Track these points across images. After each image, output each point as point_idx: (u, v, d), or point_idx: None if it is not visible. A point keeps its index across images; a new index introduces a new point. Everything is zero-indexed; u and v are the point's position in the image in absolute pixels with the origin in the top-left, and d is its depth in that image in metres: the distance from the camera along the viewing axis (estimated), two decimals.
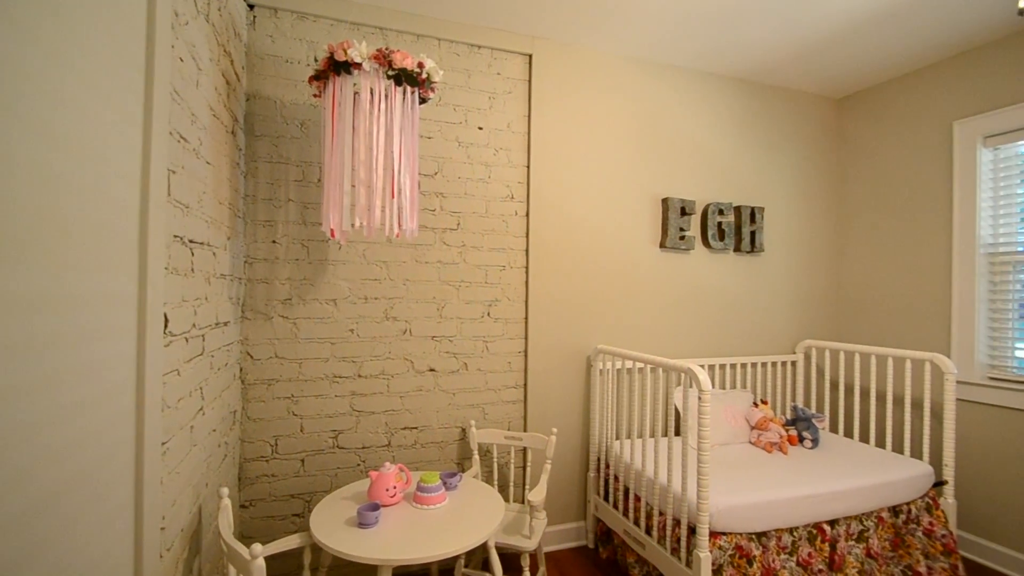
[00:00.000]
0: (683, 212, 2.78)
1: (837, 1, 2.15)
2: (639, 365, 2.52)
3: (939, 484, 2.28)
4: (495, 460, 2.32)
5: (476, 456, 2.29)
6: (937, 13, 2.22)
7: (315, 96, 1.79)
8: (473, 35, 2.39)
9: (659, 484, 2.01)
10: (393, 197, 1.58)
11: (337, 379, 2.21)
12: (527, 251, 2.52)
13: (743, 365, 2.99)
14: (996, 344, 2.45)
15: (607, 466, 2.47)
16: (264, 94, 2.13)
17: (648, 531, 2.08)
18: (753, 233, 2.94)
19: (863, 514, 2.08)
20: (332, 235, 1.70)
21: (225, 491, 1.47)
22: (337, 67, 1.57)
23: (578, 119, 2.61)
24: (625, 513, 2.26)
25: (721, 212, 2.87)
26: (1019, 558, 2.30)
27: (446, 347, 2.38)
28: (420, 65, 1.60)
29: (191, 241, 1.39)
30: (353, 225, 1.59)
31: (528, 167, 2.52)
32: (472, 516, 1.64)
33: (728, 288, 2.95)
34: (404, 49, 2.31)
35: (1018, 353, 2.38)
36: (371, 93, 1.58)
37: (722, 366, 2.93)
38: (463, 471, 2.39)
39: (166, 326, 1.20)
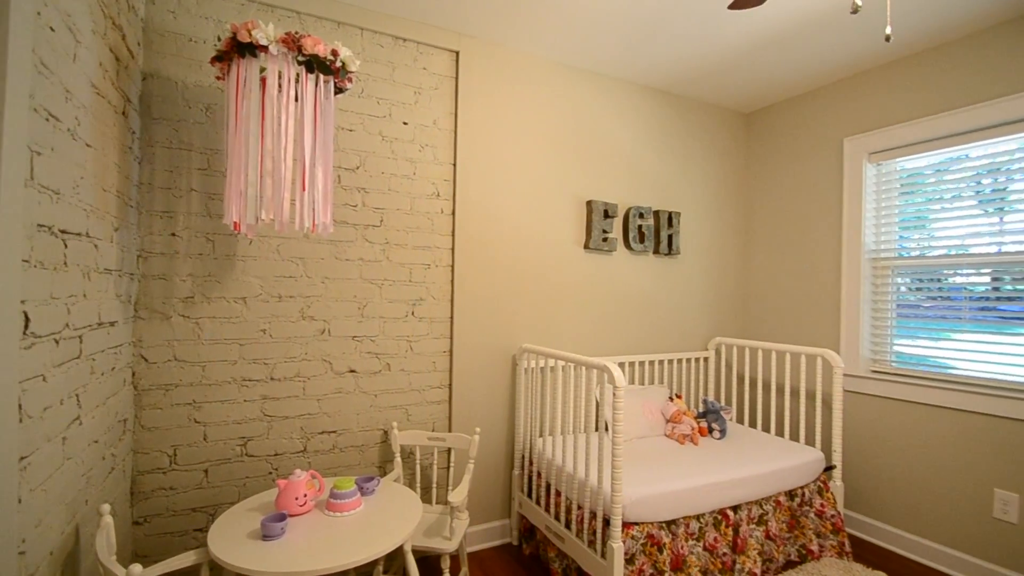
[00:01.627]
0: (606, 215, 2.86)
1: (737, 24, 2.30)
2: (562, 363, 2.57)
3: (829, 468, 2.50)
4: (418, 462, 2.28)
5: (398, 459, 2.24)
6: (826, 39, 2.44)
7: (218, 79, 1.67)
8: (398, 27, 2.33)
9: (577, 479, 2.06)
10: (304, 190, 1.51)
11: (246, 383, 2.07)
12: (453, 250, 2.49)
13: (660, 362, 3.13)
14: (877, 340, 2.73)
15: (531, 463, 2.49)
16: (164, 74, 1.96)
17: (568, 525, 2.13)
18: (671, 236, 3.09)
19: (763, 499, 2.24)
20: (236, 228, 1.59)
21: (106, 508, 1.33)
22: (241, 49, 1.47)
23: (505, 119, 2.62)
24: (547, 509, 2.29)
25: (642, 216, 2.99)
26: (898, 533, 2.57)
27: (368, 347, 2.30)
28: (334, 53, 1.53)
29: (63, 231, 1.25)
30: (259, 218, 1.49)
31: (455, 165, 2.49)
32: (388, 521, 1.59)
33: (648, 289, 3.08)
34: (324, 36, 2.22)
35: (896, 348, 2.66)
36: (279, 79, 1.49)
37: (641, 363, 3.05)
38: (385, 474, 2.33)
39: (26, 326, 1.07)
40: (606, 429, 2.76)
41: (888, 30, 1.12)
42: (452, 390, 2.48)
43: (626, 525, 1.88)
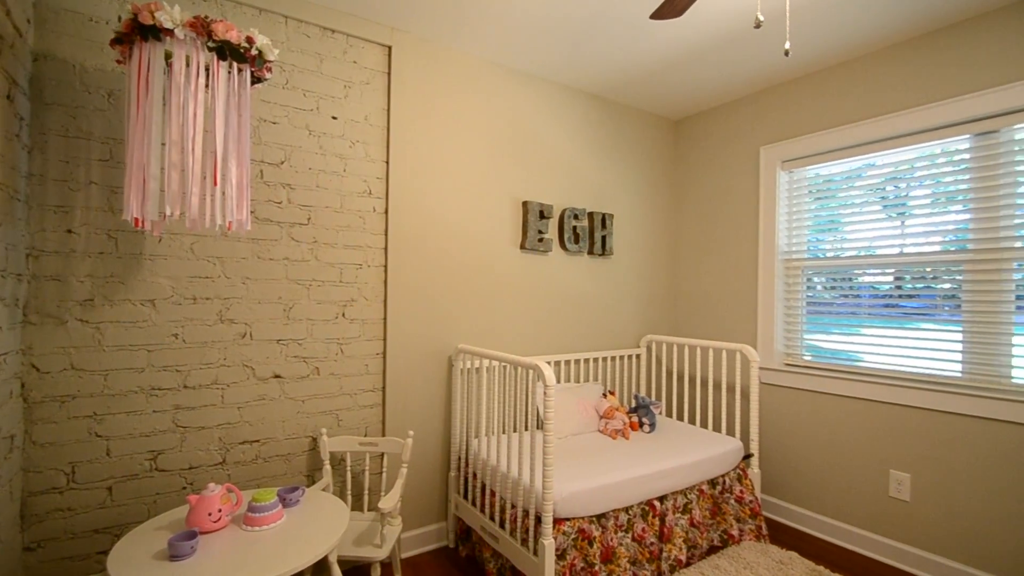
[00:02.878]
0: (542, 215, 2.90)
1: (662, 34, 2.40)
2: (497, 363, 2.57)
3: (747, 457, 2.66)
4: (348, 469, 2.21)
5: (327, 466, 2.16)
6: (742, 53, 2.59)
7: (118, 62, 1.54)
8: (326, 18, 2.25)
9: (511, 478, 2.07)
10: (216, 184, 1.42)
11: (156, 392, 1.93)
12: (386, 249, 2.43)
13: (595, 359, 3.21)
14: (790, 336, 2.94)
15: (467, 464, 2.48)
16: (59, 55, 1.78)
17: (502, 524, 2.13)
18: (604, 237, 3.18)
19: (687, 488, 2.35)
20: (137, 224, 1.47)
21: None
22: (144, 31, 1.36)
23: (440, 117, 2.59)
24: (482, 509, 2.29)
25: (576, 217, 3.06)
26: (809, 515, 2.77)
27: (294, 351, 2.21)
28: (249, 40, 1.45)
29: None
30: (164, 214, 1.39)
31: (388, 162, 2.44)
32: (311, 532, 1.53)
33: (583, 288, 3.15)
34: (245, 23, 2.10)
35: (811, 343, 2.86)
36: (187, 65, 1.39)
37: (576, 361, 3.12)
38: (313, 484, 2.24)
39: None
40: (540, 427, 2.80)
41: (787, 45, 1.22)
42: (386, 393, 2.42)
43: (558, 521, 1.91)
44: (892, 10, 2.19)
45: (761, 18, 1.13)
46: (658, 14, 1.55)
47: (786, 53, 1.25)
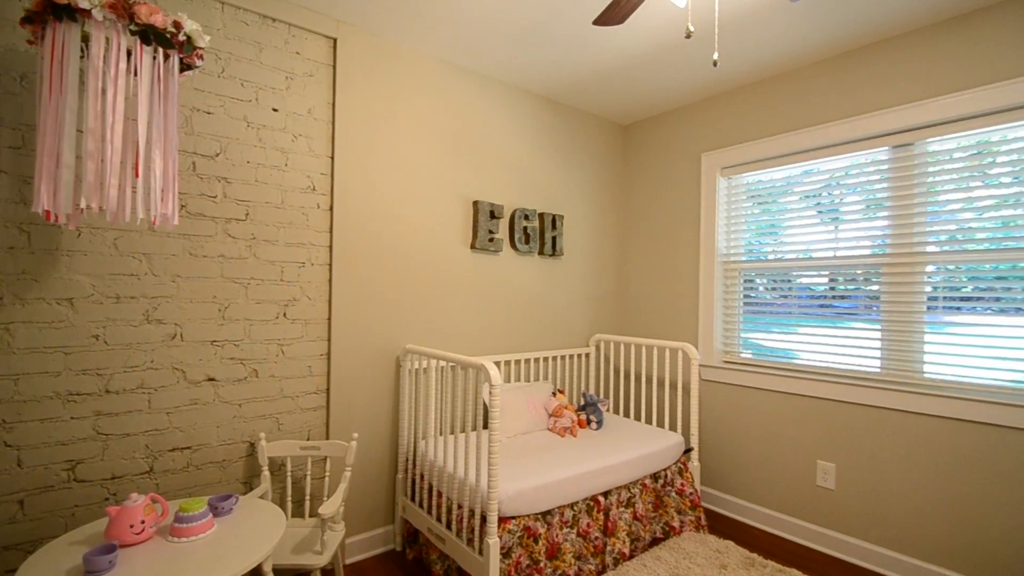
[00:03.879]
0: (492, 215, 2.90)
1: (608, 40, 2.46)
2: (444, 364, 2.55)
3: (688, 451, 2.76)
4: (288, 474, 2.13)
5: (266, 472, 2.08)
6: (682, 63, 2.69)
7: (30, 43, 1.42)
8: (266, 5, 2.16)
9: (457, 478, 2.06)
10: (138, 176, 1.33)
11: (74, 397, 1.79)
12: (331, 247, 2.37)
13: (545, 358, 3.25)
14: (728, 334, 3.07)
15: (414, 466, 2.45)
16: None
17: (448, 525, 2.12)
18: (554, 238, 3.22)
19: (631, 483, 2.42)
20: (48, 217, 1.36)
21: None
22: (57, 10, 1.26)
23: (389, 113, 2.54)
24: (429, 511, 2.27)
25: (527, 217, 3.08)
26: (745, 504, 2.91)
27: (231, 352, 2.11)
28: (176, 25, 1.37)
29: None
30: (80, 207, 1.29)
31: (333, 158, 2.37)
32: (243, 541, 1.47)
33: (533, 288, 3.18)
34: (175, 7, 1.99)
35: (753, 341, 3.00)
36: (107, 49, 1.30)
37: (527, 360, 3.14)
38: (251, 491, 2.15)
39: None
40: (486, 427, 2.81)
41: (715, 56, 1.27)
42: (330, 395, 2.35)
43: (504, 520, 1.92)
44: (816, 28, 2.32)
45: (692, 28, 1.18)
46: (601, 20, 1.58)
47: (714, 63, 1.31)
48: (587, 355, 3.47)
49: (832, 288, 2.65)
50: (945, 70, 2.22)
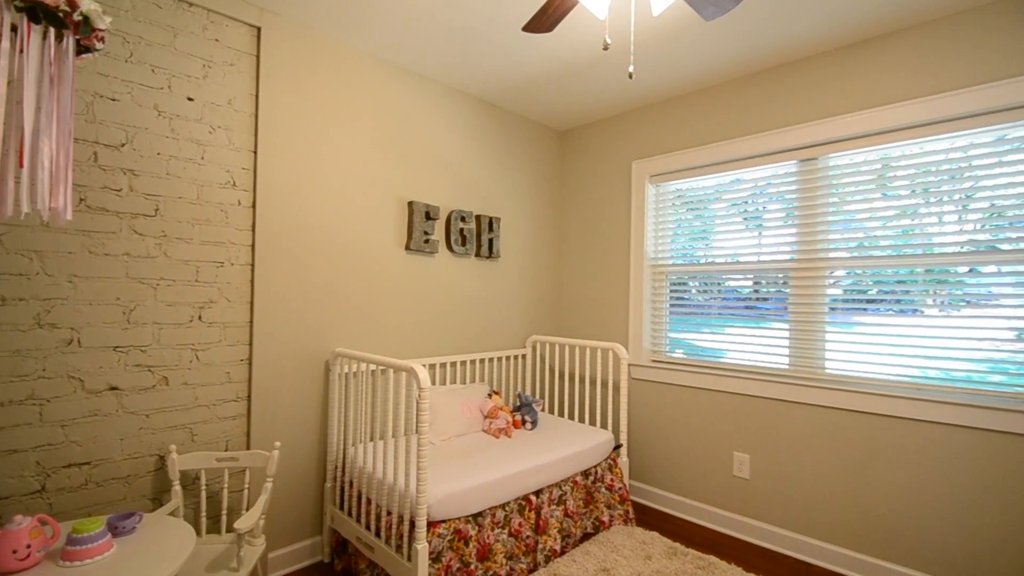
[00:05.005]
0: (428, 216, 2.87)
1: (541, 47, 2.51)
2: (374, 367, 2.50)
3: (617, 447, 2.86)
4: (203, 488, 2.00)
5: (177, 487, 1.94)
6: (610, 74, 2.79)
7: None
8: None
9: (387, 484, 2.02)
10: (22, 166, 1.20)
11: None
12: (254, 246, 2.25)
13: (482, 360, 3.25)
14: (656, 334, 3.21)
15: (343, 473, 2.37)
16: None
17: (377, 533, 2.07)
18: (491, 240, 3.23)
19: (562, 480, 2.47)
20: None
21: None
22: None
23: (319, 109, 2.45)
24: (358, 519, 2.20)
25: (463, 219, 3.07)
26: (670, 496, 3.05)
27: (136, 359, 1.95)
28: (71, 3, 1.25)
29: None
30: None
31: (256, 152, 2.26)
32: (146, 562, 1.36)
33: (470, 290, 3.17)
34: None
35: (680, 339, 3.14)
36: None
37: (463, 362, 3.13)
38: (160, 507, 1.99)
39: None
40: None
41: (631, 68, 1.34)
42: (251, 403, 2.23)
43: (433, 524, 1.90)
44: (732, 48, 2.49)
45: (609, 41, 1.23)
46: (529, 27, 1.61)
47: (630, 76, 1.38)
48: (523, 356, 3.51)
49: (756, 291, 2.82)
50: (846, 91, 2.44)
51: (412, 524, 1.88)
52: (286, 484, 2.35)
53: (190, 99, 2.08)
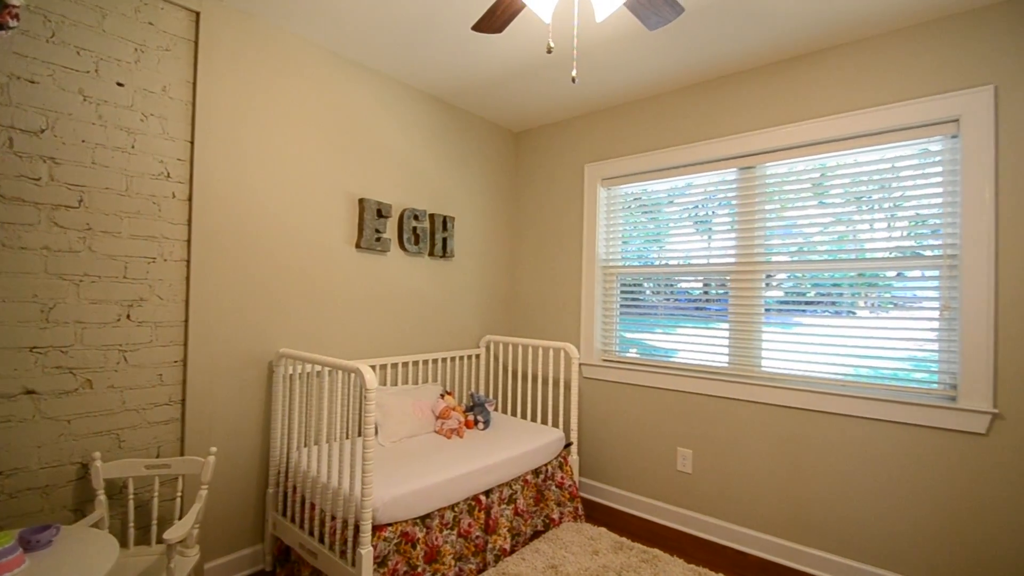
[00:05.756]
0: (380, 214, 2.82)
1: (492, 48, 2.52)
2: (320, 368, 2.43)
3: (568, 445, 2.90)
4: (131, 497, 1.88)
5: (102, 497, 1.82)
6: (563, 78, 2.83)
7: None
8: None
9: (331, 488, 1.97)
10: None
11: None
12: (189, 241, 2.14)
13: (434, 360, 3.23)
14: (607, 334, 3.28)
15: (287, 478, 2.30)
16: None
17: (321, 539, 2.02)
18: (445, 240, 3.21)
19: (512, 479, 2.48)
20: None
21: None
22: None
23: (263, 100, 2.36)
24: (301, 525, 2.14)
25: (417, 218, 3.04)
26: (619, 492, 3.12)
27: (56, 360, 1.82)
28: None
29: None
30: None
31: (192, 143, 2.15)
32: None
33: (423, 290, 3.14)
34: None
35: (629, 337, 3.22)
36: None
37: (415, 363, 3.10)
38: (82, 518, 1.86)
39: None
40: (375, 432, 2.72)
41: (574, 72, 1.37)
42: (186, 406, 2.12)
43: (379, 528, 1.87)
44: (676, 58, 2.58)
45: (552, 44, 1.25)
46: (479, 27, 1.61)
47: (573, 80, 1.41)
48: (477, 356, 3.50)
49: (706, 292, 2.92)
50: (782, 104, 2.58)
51: (357, 528, 1.84)
52: (225, 491, 2.25)
53: (120, 84, 1.96)
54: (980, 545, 2.04)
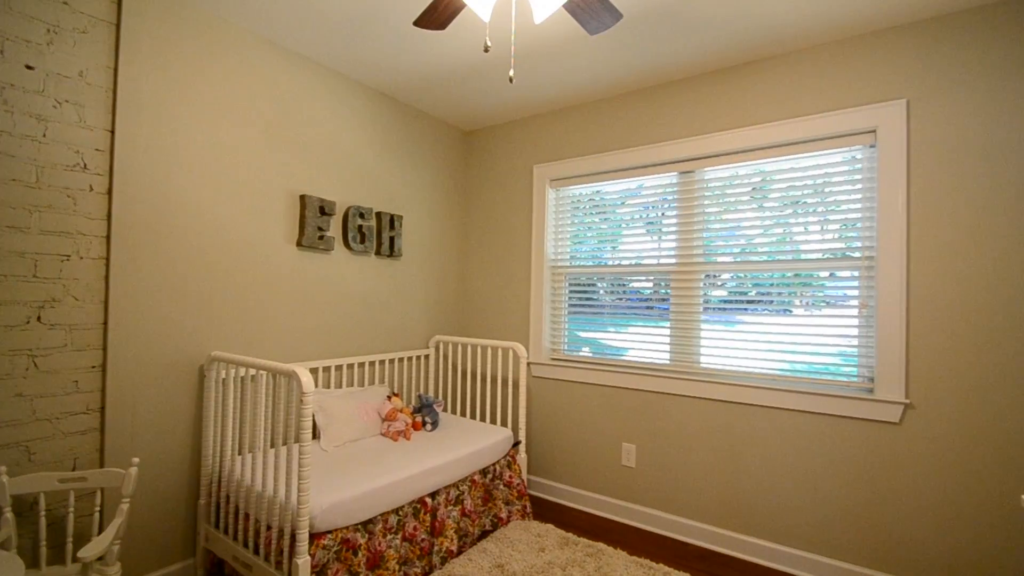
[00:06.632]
0: (323, 212, 2.73)
1: (438, 45, 2.49)
2: (254, 372, 2.33)
3: (517, 444, 2.91)
4: (43, 514, 1.74)
5: (8, 514, 1.67)
6: (505, 79, 2.85)
7: None
8: None
9: (266, 496, 1.89)
10: None
11: None
12: (109, 238, 2.00)
13: (382, 362, 3.16)
14: (555, 333, 3.32)
15: (219, 488, 2.18)
16: None
17: (256, 550, 1.93)
18: (392, 239, 3.15)
19: (460, 480, 2.47)
20: None
21: None
22: None
23: (194, 89, 2.24)
24: (235, 537, 2.04)
25: (362, 216, 2.96)
26: (567, 489, 3.16)
27: None
28: None
29: None
30: None
31: (113, 132, 2.00)
32: None
33: (369, 290, 3.07)
34: None
35: (579, 336, 3.26)
36: None
37: (362, 364, 3.02)
38: None
39: None
40: (315, 437, 2.64)
41: (511, 72, 1.37)
42: (106, 415, 1.98)
43: (318, 536, 1.81)
44: (619, 64, 2.64)
45: (489, 43, 1.26)
46: (420, 22, 1.59)
47: (510, 80, 1.41)
48: (426, 356, 3.46)
49: (656, 292, 2.98)
50: (719, 111, 2.69)
51: (293, 537, 1.77)
52: (152, 504, 2.11)
53: (29, 67, 1.80)
54: (895, 525, 2.20)
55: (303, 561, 1.69)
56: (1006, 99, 2.03)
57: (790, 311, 2.54)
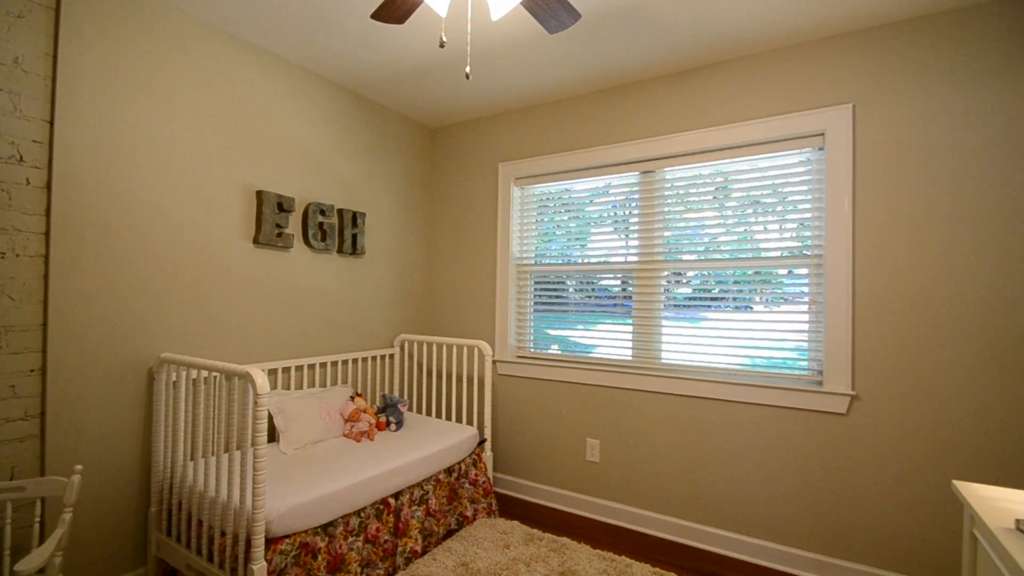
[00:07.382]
0: (281, 208, 2.66)
1: (399, 40, 2.46)
2: (206, 374, 2.26)
3: (482, 442, 2.91)
4: None
5: None
6: (476, 76, 2.84)
7: None
8: None
9: (220, 502, 1.84)
10: None
11: None
12: (48, 234, 1.89)
13: (344, 361, 3.11)
14: (521, 331, 3.33)
15: (171, 495, 2.11)
16: None
17: (210, 558, 1.87)
18: (355, 236, 3.09)
19: (424, 480, 2.45)
20: None
21: None
22: None
23: (141, 79, 2.14)
24: (188, 545, 1.97)
25: (323, 213, 2.90)
26: (532, 485, 3.18)
27: None
28: None
29: None
30: None
31: (52, 123, 1.90)
32: None
33: (331, 288, 3.01)
34: None
35: (546, 332, 3.28)
36: None
37: (323, 364, 2.96)
38: None
39: None
40: (275, 439, 2.58)
41: (468, 69, 1.37)
42: (46, 420, 1.88)
43: (275, 541, 1.76)
44: (579, 64, 2.67)
45: (445, 39, 1.25)
46: (378, 15, 1.56)
47: (467, 76, 1.41)
48: (391, 356, 3.42)
49: (624, 290, 3.01)
50: (679, 112, 2.75)
51: (249, 543, 1.73)
52: (99, 512, 2.02)
53: None
54: (841, 511, 2.30)
55: (259, 567, 1.65)
56: (944, 105, 2.15)
57: (751, 308, 2.62)
